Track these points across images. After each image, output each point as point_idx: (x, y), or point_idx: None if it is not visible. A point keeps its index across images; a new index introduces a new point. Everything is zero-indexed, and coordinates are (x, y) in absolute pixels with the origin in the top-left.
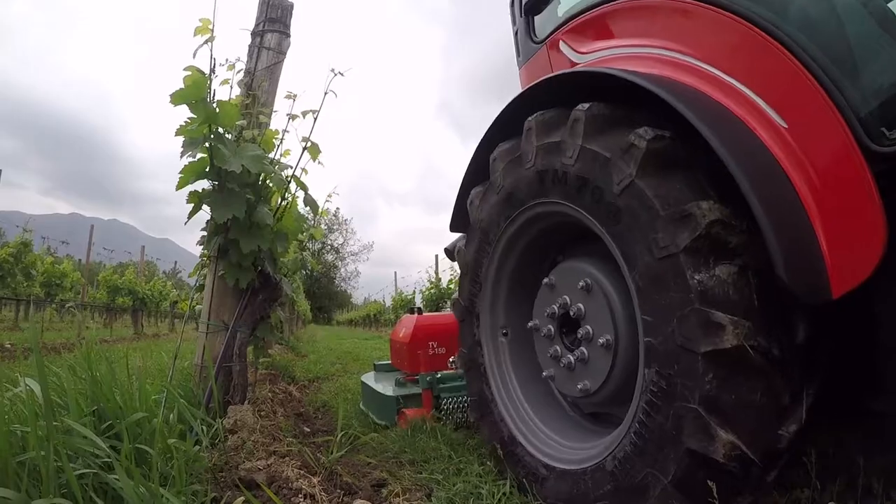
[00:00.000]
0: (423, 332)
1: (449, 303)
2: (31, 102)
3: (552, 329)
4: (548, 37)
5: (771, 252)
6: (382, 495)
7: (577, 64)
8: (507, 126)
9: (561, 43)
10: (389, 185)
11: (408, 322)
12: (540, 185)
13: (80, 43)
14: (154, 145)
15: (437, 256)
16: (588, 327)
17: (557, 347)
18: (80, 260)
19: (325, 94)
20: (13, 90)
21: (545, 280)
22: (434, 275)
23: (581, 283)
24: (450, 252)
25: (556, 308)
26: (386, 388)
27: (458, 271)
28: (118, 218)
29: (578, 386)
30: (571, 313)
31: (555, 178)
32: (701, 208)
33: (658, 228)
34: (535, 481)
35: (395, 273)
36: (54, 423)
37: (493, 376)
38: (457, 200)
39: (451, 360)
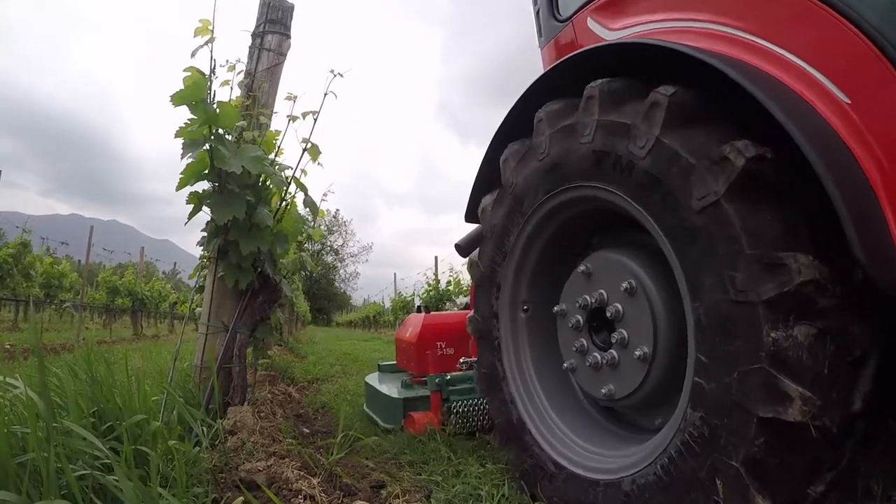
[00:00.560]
0: (430, 332)
1: (466, 263)
2: (30, 103)
3: (581, 320)
4: (574, 14)
5: (850, 243)
6: (382, 496)
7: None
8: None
9: (589, 20)
10: (389, 186)
11: (415, 321)
12: (595, 166)
13: (80, 43)
14: (154, 146)
15: (436, 258)
16: (624, 332)
17: (584, 341)
18: (79, 261)
19: (325, 95)
20: (13, 91)
21: (581, 267)
22: (433, 276)
23: (625, 285)
24: (461, 248)
25: (589, 300)
26: (391, 389)
27: (455, 273)
28: (118, 219)
29: (603, 390)
30: (608, 313)
31: (617, 164)
32: (798, 262)
33: (739, 267)
34: (540, 476)
35: (395, 274)
36: (54, 425)
37: (507, 352)
38: (474, 187)
39: (461, 360)
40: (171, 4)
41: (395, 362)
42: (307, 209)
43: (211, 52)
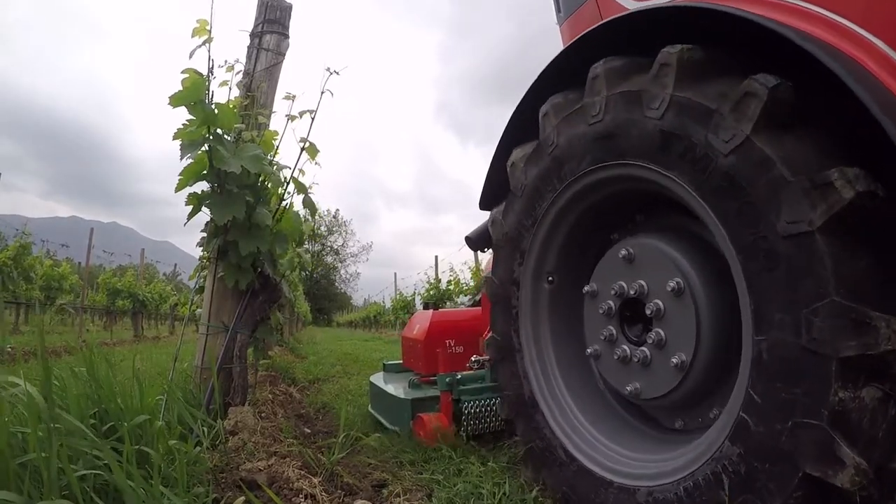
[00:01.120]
0: (439, 329)
1: (489, 219)
2: (30, 105)
3: (613, 307)
4: None
5: None
6: (383, 496)
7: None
8: (554, 80)
9: None
10: (389, 185)
11: (422, 318)
12: (661, 149)
13: (79, 44)
14: (154, 147)
15: (436, 257)
16: (662, 333)
17: (614, 330)
18: (79, 263)
19: (322, 93)
20: (12, 92)
21: (622, 251)
22: (434, 276)
23: (672, 284)
24: (471, 241)
25: (626, 288)
26: (398, 390)
27: (455, 273)
28: (118, 221)
29: (629, 387)
30: (647, 310)
31: (689, 153)
32: (891, 326)
33: (821, 313)
34: (549, 461)
35: (395, 274)
36: (56, 426)
37: (525, 323)
38: (493, 158)
39: (472, 359)
40: (171, 4)
41: (400, 361)
42: (306, 208)
43: (209, 52)
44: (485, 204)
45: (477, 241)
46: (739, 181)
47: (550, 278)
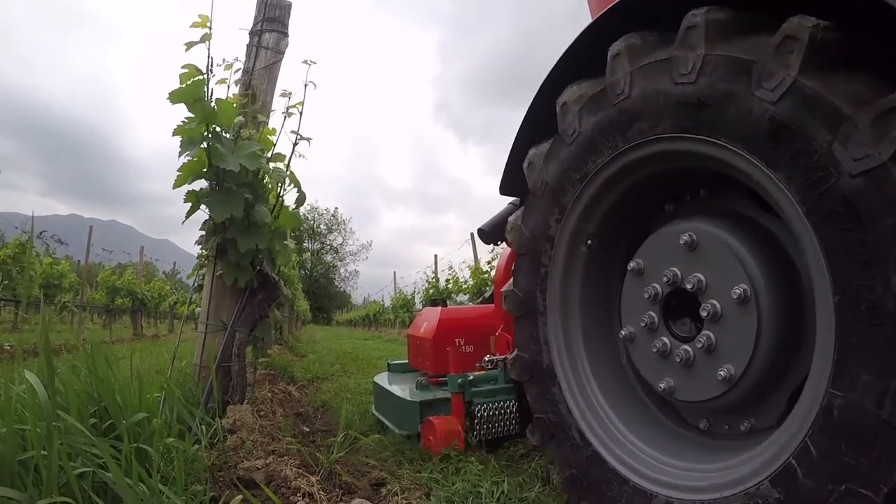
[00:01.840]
0: (448, 327)
1: (526, 161)
2: (29, 103)
3: (660, 293)
4: None
5: None
6: (381, 494)
7: None
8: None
9: None
10: (388, 184)
11: (430, 315)
12: (695, 114)
13: (80, 43)
14: (153, 146)
15: (435, 256)
16: (713, 338)
17: (656, 318)
18: (79, 261)
19: (306, 85)
20: (12, 91)
21: (684, 236)
22: (433, 275)
23: (738, 291)
24: (484, 233)
25: (680, 277)
26: (405, 391)
27: (454, 273)
28: (117, 219)
29: (662, 384)
30: (703, 311)
31: (732, 110)
32: None
33: None
34: (561, 438)
35: (395, 273)
36: (55, 424)
37: (553, 286)
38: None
39: (485, 358)
40: (172, 3)
41: (406, 361)
42: (296, 203)
43: (208, 49)
44: (506, 188)
45: (491, 235)
46: (793, 126)
47: (589, 241)
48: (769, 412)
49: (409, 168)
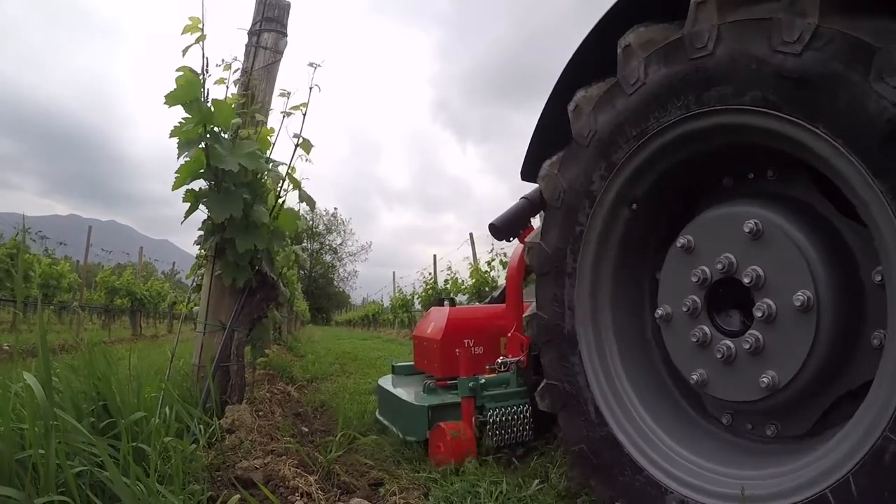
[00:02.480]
0: (457, 328)
1: (571, 105)
2: (29, 104)
3: (708, 278)
4: None
5: None
6: (380, 494)
7: None
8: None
9: None
10: (388, 184)
11: (438, 316)
12: (720, 83)
13: (79, 43)
14: (153, 146)
15: (434, 256)
16: (762, 339)
17: (699, 303)
18: (78, 261)
19: (311, 88)
20: (11, 91)
21: (749, 223)
22: (431, 275)
23: (800, 297)
24: (496, 228)
25: (734, 266)
26: (412, 395)
27: (453, 273)
28: (116, 219)
29: (694, 375)
30: (758, 311)
31: (758, 71)
32: None
33: None
34: (572, 409)
35: (394, 273)
36: (53, 423)
37: (588, 247)
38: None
39: (499, 360)
40: (171, 3)
41: (411, 363)
42: (302, 202)
43: (202, 50)
44: (527, 173)
45: (502, 230)
46: (824, 72)
47: (634, 206)
48: (799, 422)
49: (409, 168)
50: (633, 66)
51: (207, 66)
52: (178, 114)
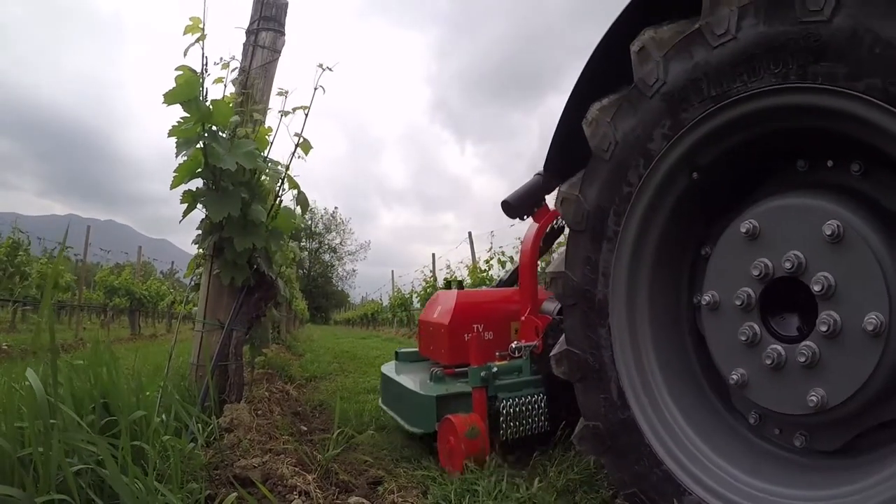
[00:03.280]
0: (466, 312)
1: (636, 46)
2: (27, 103)
3: (769, 272)
4: None
5: None
6: (378, 493)
7: None
8: None
9: None
10: (387, 183)
11: (445, 299)
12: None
13: (79, 43)
14: (151, 146)
15: (433, 255)
16: (818, 353)
17: (753, 297)
18: (77, 261)
19: (315, 89)
20: (10, 91)
21: (830, 223)
22: (430, 274)
23: (872, 320)
24: (509, 206)
25: (805, 269)
26: (419, 384)
27: (451, 272)
28: (115, 219)
29: (734, 375)
30: (823, 325)
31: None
32: None
33: None
34: (591, 385)
35: (393, 272)
36: (53, 422)
37: (636, 211)
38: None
39: (512, 345)
40: (170, 4)
41: (415, 349)
42: (298, 205)
43: (202, 49)
44: (552, 164)
45: (515, 208)
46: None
47: (695, 175)
48: (830, 440)
49: (408, 167)
50: (722, 13)
51: (207, 65)
52: (177, 113)
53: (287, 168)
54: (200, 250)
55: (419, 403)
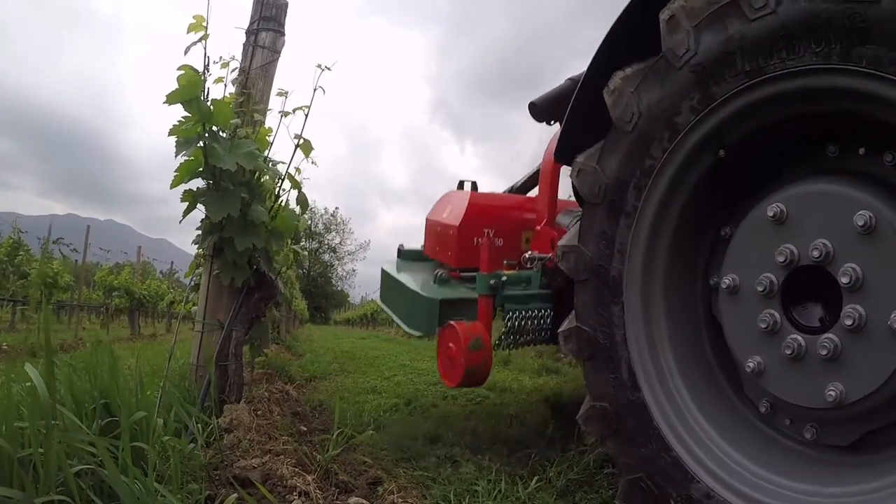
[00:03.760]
0: (478, 214)
1: (665, 14)
2: (27, 102)
3: (797, 258)
4: None
5: None
6: (378, 493)
7: None
8: None
9: None
10: (386, 183)
11: (457, 199)
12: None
13: (78, 43)
14: (151, 146)
15: None
16: (839, 345)
17: (775, 283)
18: (76, 261)
19: (315, 90)
20: (10, 91)
21: (863, 214)
22: None
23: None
24: (536, 108)
25: (833, 257)
26: (422, 284)
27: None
28: (114, 218)
29: (750, 362)
30: (849, 319)
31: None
32: None
33: None
34: (600, 363)
35: None
36: (55, 422)
37: (658, 185)
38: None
39: (527, 254)
40: (170, 4)
41: (420, 248)
42: (298, 205)
43: (205, 49)
44: (562, 153)
45: (543, 111)
46: None
47: (722, 153)
48: (842, 434)
49: (407, 167)
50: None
51: (209, 65)
52: (178, 113)
53: (288, 168)
54: (200, 250)
55: (421, 305)
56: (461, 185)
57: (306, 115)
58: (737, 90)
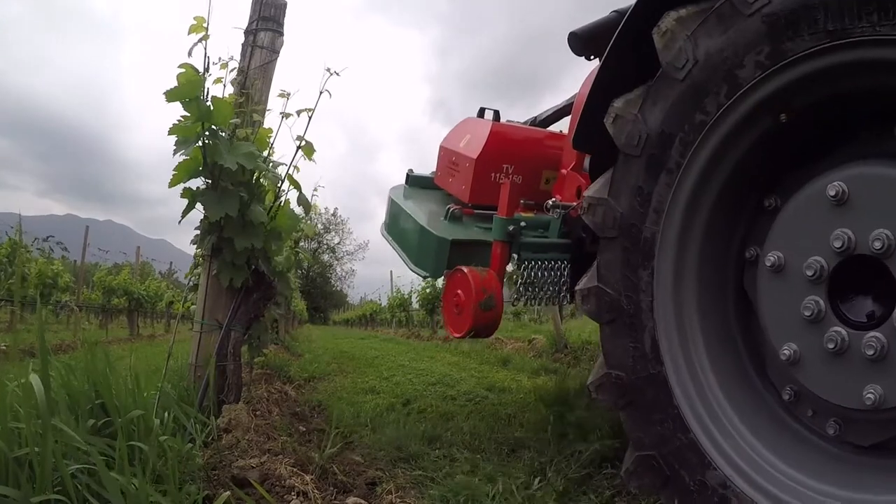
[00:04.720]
0: (499, 147)
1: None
2: (26, 103)
3: (853, 245)
4: None
5: None
6: (376, 493)
7: None
8: None
9: None
10: (386, 183)
11: (477, 128)
12: None
13: (78, 43)
14: (150, 146)
15: None
16: (887, 345)
17: (826, 270)
18: (75, 261)
19: (321, 93)
20: (9, 91)
21: None
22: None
23: None
24: (577, 38)
25: (894, 248)
26: (432, 219)
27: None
28: (113, 219)
29: (786, 350)
30: None
31: None
32: None
33: None
34: (621, 329)
35: (391, 272)
36: (52, 422)
37: (707, 144)
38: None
39: (550, 201)
40: (169, 5)
41: (430, 174)
42: (300, 206)
43: (205, 49)
44: (580, 141)
45: (585, 44)
46: None
47: (784, 117)
48: (866, 434)
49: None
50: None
51: (209, 64)
52: (177, 113)
53: (289, 169)
54: (199, 250)
55: (430, 244)
56: (482, 112)
57: (310, 118)
58: (813, 50)
